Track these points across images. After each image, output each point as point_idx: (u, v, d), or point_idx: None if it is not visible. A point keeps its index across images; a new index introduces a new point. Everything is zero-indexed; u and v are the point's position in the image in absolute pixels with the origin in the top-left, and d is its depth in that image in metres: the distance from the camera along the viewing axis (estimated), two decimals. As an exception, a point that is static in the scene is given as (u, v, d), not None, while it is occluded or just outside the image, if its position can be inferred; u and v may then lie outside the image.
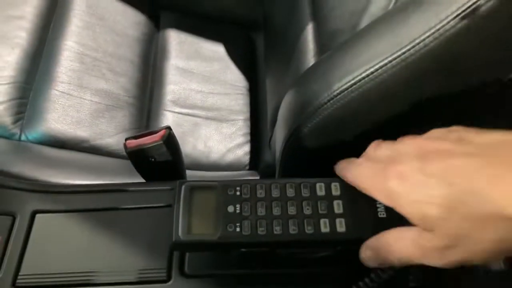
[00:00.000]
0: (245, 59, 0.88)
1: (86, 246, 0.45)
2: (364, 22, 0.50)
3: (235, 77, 0.85)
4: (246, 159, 0.76)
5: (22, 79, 0.69)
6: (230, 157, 0.75)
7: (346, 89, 0.39)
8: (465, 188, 0.29)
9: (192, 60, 0.84)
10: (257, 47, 0.91)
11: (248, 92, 0.84)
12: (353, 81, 0.39)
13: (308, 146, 0.45)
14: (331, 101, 0.41)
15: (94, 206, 0.48)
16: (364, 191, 0.36)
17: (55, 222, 0.47)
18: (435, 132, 0.35)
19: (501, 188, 0.28)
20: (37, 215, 0.47)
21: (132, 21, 0.84)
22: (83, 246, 0.45)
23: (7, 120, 0.65)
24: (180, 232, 0.38)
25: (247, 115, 0.81)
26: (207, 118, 0.78)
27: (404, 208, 0.32)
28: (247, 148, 0.77)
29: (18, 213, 0.47)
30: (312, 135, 0.43)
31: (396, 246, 0.33)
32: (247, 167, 0.75)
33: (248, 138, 0.78)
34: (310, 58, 0.60)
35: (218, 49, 0.87)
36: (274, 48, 0.77)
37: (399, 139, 0.35)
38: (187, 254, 0.44)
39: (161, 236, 0.44)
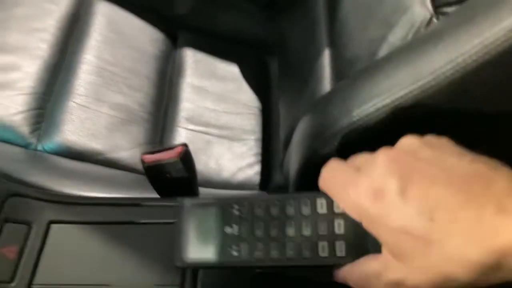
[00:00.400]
0: (258, 80, 0.89)
1: (101, 259, 0.45)
2: (383, 51, 0.52)
3: (248, 98, 0.86)
4: (257, 178, 0.76)
5: (41, 90, 0.71)
6: (241, 176, 0.76)
7: (366, 115, 0.40)
8: (446, 229, 0.27)
9: (207, 79, 0.85)
10: (270, 69, 0.93)
11: (260, 113, 0.85)
12: (373, 108, 0.40)
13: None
14: (350, 127, 0.42)
15: (109, 219, 0.48)
16: (333, 198, 0.33)
17: (70, 233, 0.48)
18: (409, 142, 0.32)
19: (483, 231, 0.27)
20: (53, 225, 0.48)
21: (150, 38, 0.86)
22: (98, 259, 0.45)
23: (25, 129, 0.66)
24: (182, 255, 0.38)
25: (259, 135, 0.82)
26: (219, 136, 0.79)
27: (376, 231, 0.30)
28: (257, 168, 0.78)
29: (34, 222, 0.48)
30: (326, 161, 0.44)
31: (361, 279, 0.32)
32: (258, 187, 0.76)
33: (259, 158, 0.79)
34: (326, 83, 0.61)
35: (232, 70, 0.89)
36: (288, 71, 0.78)
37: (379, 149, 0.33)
38: (201, 271, 0.44)
39: (172, 252, 0.45)
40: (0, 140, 0.64)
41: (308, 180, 0.49)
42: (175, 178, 0.53)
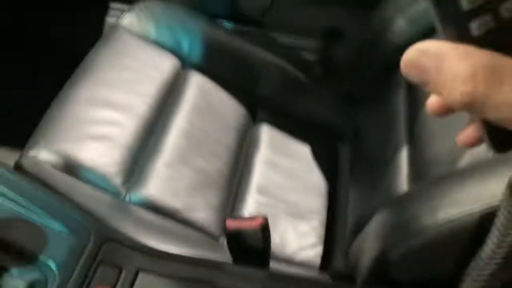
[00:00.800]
0: (328, 164, 0.93)
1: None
2: (465, 159, 0.55)
3: (317, 179, 0.90)
4: (318, 260, 0.78)
5: (136, 146, 0.78)
6: (303, 255, 0.78)
7: (452, 220, 0.43)
8: None
9: (279, 155, 0.91)
10: (340, 154, 0.97)
11: (327, 195, 0.88)
12: (459, 214, 0.43)
13: (400, 267, 0.48)
14: (433, 227, 0.45)
15: (192, 276, 0.52)
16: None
17: (155, 283, 0.52)
18: None
19: None
20: (141, 273, 0.52)
21: (234, 111, 0.93)
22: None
23: (118, 180, 0.73)
24: None
25: (324, 217, 0.85)
26: (286, 212, 0.83)
27: None
28: (319, 249, 0.80)
29: (124, 268, 0.52)
30: (407, 256, 0.47)
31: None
32: (318, 268, 0.77)
33: (322, 239, 0.81)
34: (403, 181, 0.65)
35: (304, 150, 0.94)
36: (362, 160, 0.82)
37: None
38: None
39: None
40: (95, 186, 0.70)
41: (382, 274, 0.51)
42: (252, 246, 0.57)
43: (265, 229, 0.56)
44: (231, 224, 0.57)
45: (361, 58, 1.02)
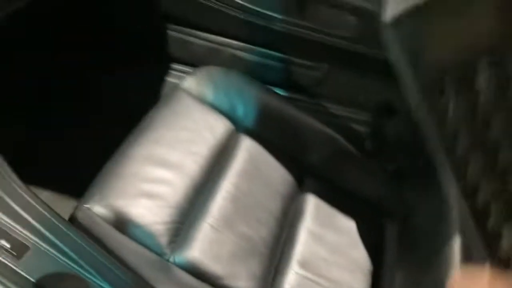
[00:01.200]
0: (373, 240, 0.91)
1: None
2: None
3: (361, 256, 0.88)
4: None
5: (184, 206, 0.79)
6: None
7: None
8: None
9: (324, 228, 0.90)
10: (386, 232, 0.95)
11: (370, 274, 0.86)
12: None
13: None
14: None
15: None
16: None
17: None
18: None
19: None
20: None
21: (281, 178, 0.94)
22: None
23: (164, 240, 0.73)
24: None
25: (366, 297, 0.82)
26: (327, 288, 0.81)
27: None
28: (360, 332, 0.77)
29: None
30: None
31: None
32: None
33: (363, 322, 0.78)
34: (455, 269, 0.62)
35: (350, 224, 0.92)
36: (410, 243, 0.80)
37: None
38: None
39: None
40: (142, 244, 0.72)
41: None
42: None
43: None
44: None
45: (413, 136, 1.01)
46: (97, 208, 0.72)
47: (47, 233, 0.56)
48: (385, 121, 1.11)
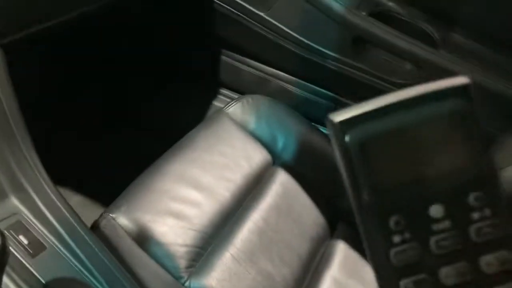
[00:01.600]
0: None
1: None
2: None
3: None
4: None
5: (209, 232, 0.77)
6: None
7: None
8: None
9: (351, 279, 0.84)
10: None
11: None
12: None
13: None
14: None
15: None
16: None
17: None
18: None
19: None
20: None
21: (314, 219, 0.90)
22: None
23: (183, 263, 0.71)
24: None
25: None
26: None
27: None
28: None
29: None
30: None
31: None
32: None
33: None
34: None
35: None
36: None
37: None
38: None
39: None
40: (160, 263, 0.69)
41: None
42: None
43: None
44: None
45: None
46: (121, 219, 0.71)
47: (66, 236, 0.55)
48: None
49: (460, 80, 0.27)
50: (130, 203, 0.74)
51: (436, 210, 0.27)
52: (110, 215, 0.72)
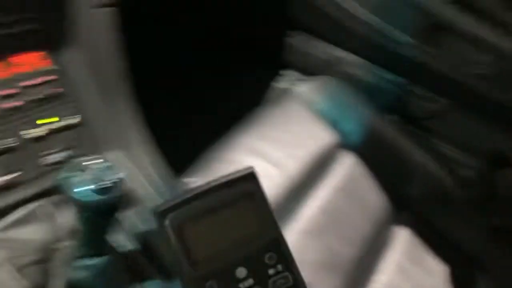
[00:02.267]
0: (462, 292, 0.84)
1: None
2: None
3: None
4: None
5: (279, 203, 0.78)
6: None
7: None
8: None
9: (413, 264, 0.84)
10: (478, 285, 0.87)
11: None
12: None
13: None
14: None
15: None
16: None
17: None
18: None
19: None
20: None
21: (379, 204, 0.90)
22: None
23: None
24: None
25: None
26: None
27: None
28: None
29: None
30: None
31: None
32: None
33: None
34: None
35: (439, 268, 0.86)
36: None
37: None
38: None
39: None
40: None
41: None
42: None
43: None
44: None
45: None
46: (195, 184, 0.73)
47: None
48: (497, 172, 1.03)
49: (246, 170, 0.36)
50: (202, 172, 0.76)
51: (240, 272, 0.34)
52: (185, 179, 0.74)
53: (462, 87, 0.97)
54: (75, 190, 0.41)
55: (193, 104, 1.19)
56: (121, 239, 0.53)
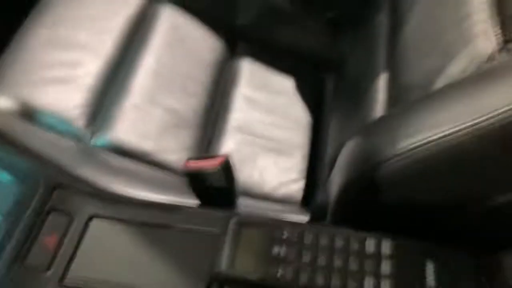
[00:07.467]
0: (312, 97, 0.88)
1: (133, 259, 0.46)
2: (440, 82, 0.50)
3: (299, 113, 0.85)
4: (299, 195, 0.76)
5: (100, 88, 0.74)
6: (283, 191, 0.75)
7: (411, 149, 0.39)
8: None
9: (260, 91, 0.86)
10: (326, 86, 0.92)
11: (310, 129, 0.84)
12: (419, 143, 0.38)
13: (362, 199, 0.45)
14: (393, 159, 0.40)
15: (148, 220, 0.50)
16: None
17: (109, 229, 0.49)
18: None
19: None
20: (94, 220, 0.50)
21: (210, 46, 0.87)
22: (131, 259, 0.46)
23: (80, 124, 0.69)
24: (223, 265, 0.39)
25: (306, 151, 0.81)
26: (266, 148, 0.79)
27: None
28: (301, 184, 0.77)
29: (76, 215, 0.50)
30: (368, 189, 0.43)
31: None
32: (299, 203, 0.75)
33: (304, 174, 0.78)
34: (379, 107, 0.60)
35: (287, 84, 0.89)
36: (344, 92, 0.77)
37: None
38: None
39: (204, 262, 0.45)
40: (56, 131, 0.67)
41: (346, 206, 0.48)
42: (214, 187, 0.53)
43: (226, 168, 0.53)
44: (190, 165, 0.53)
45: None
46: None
47: None
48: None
49: None
50: (2, 81, 0.69)
51: None
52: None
53: None
54: None
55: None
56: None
